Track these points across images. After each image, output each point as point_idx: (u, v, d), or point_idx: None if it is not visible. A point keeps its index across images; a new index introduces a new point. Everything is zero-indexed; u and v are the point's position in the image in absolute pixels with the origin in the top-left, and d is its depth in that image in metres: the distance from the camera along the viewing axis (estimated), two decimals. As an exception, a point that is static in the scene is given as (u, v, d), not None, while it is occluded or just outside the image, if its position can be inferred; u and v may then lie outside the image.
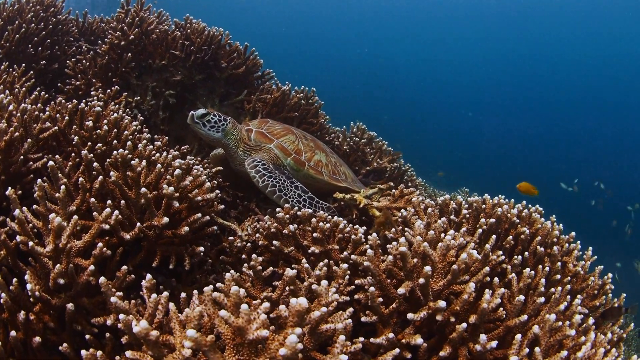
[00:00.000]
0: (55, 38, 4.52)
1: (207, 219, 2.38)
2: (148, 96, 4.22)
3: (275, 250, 2.66)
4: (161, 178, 2.35)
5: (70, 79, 4.26)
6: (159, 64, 4.26)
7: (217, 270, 2.90)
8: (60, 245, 1.76)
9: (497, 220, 2.95)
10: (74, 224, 1.79)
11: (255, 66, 4.68)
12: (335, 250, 2.63)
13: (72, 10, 4.92)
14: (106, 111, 3.16)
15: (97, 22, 5.14)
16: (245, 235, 2.98)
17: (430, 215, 2.90)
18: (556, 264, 2.85)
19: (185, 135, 4.49)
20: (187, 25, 4.43)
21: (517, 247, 2.97)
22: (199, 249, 2.30)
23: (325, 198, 3.71)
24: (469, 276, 2.30)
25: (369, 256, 2.17)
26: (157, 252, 2.30)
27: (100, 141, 2.62)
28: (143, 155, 2.50)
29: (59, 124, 2.69)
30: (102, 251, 1.86)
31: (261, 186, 3.18)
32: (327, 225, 2.59)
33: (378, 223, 2.94)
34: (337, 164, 3.80)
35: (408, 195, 3.57)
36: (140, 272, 2.38)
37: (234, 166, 3.66)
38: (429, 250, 2.20)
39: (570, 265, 2.91)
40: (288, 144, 3.54)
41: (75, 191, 2.22)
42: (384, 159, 5.15)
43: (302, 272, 2.52)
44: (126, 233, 2.06)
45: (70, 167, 2.42)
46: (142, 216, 2.26)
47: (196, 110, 3.45)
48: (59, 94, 4.22)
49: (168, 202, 2.17)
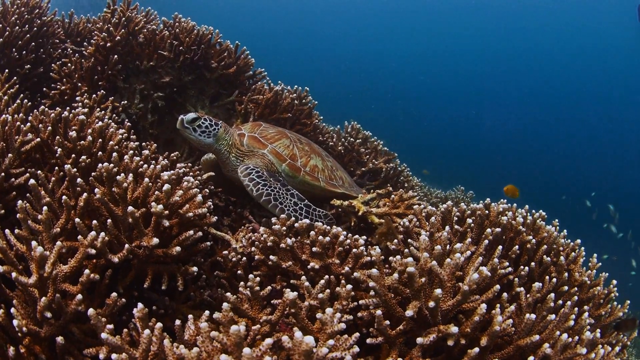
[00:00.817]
0: (41, 41, 4.31)
1: (200, 235, 2.24)
2: (136, 99, 4.04)
3: (272, 265, 2.54)
4: (149, 193, 2.20)
5: (55, 83, 4.07)
6: (147, 66, 4.08)
7: (211, 283, 2.77)
8: (45, 274, 1.63)
9: (502, 229, 2.86)
10: (57, 251, 1.65)
11: (247, 65, 4.51)
12: (335, 265, 2.51)
13: (57, 11, 4.71)
14: (91, 118, 2.99)
15: (83, 22, 4.92)
16: (239, 247, 2.85)
17: (434, 224, 2.80)
18: (563, 275, 2.78)
19: (175, 139, 4.33)
20: (176, 24, 4.25)
21: (523, 256, 2.90)
22: (192, 269, 2.16)
23: (321, 204, 3.59)
24: (478, 294, 2.19)
25: (374, 276, 2.05)
26: (148, 271, 2.16)
27: (84, 153, 2.46)
28: (129, 168, 2.35)
29: (42, 135, 2.53)
30: (89, 278, 1.73)
31: (255, 195, 3.04)
32: (326, 239, 2.46)
33: (380, 234, 2.82)
34: (334, 168, 3.66)
35: (408, 201, 3.45)
36: (131, 291, 2.25)
37: (226, 172, 3.51)
38: (437, 270, 2.09)
39: (577, 275, 2.86)
40: (282, 149, 3.39)
41: (60, 208, 2.07)
42: (380, 159, 5.03)
43: (301, 288, 2.40)
44: (114, 256, 1.91)
45: (55, 181, 2.27)
46: (130, 233, 2.12)
47: (186, 115, 3.27)
48: (45, 99, 4.03)
49: (157, 221, 2.03)
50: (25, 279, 1.62)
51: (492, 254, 2.56)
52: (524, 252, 2.87)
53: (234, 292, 2.66)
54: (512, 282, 2.67)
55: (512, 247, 2.88)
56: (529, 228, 3.00)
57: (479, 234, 2.91)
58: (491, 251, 2.68)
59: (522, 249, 2.86)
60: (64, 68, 4.05)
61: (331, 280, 2.37)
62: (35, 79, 4.22)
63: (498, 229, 2.79)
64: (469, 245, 2.68)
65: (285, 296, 1.92)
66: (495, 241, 2.81)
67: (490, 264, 2.51)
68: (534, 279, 2.81)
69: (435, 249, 2.27)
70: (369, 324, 2.25)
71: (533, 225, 3.04)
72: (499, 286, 2.27)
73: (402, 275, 2.30)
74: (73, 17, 4.89)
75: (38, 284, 1.62)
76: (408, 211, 3.43)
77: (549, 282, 2.59)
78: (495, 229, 2.78)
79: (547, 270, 2.82)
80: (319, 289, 2.20)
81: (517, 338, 2.14)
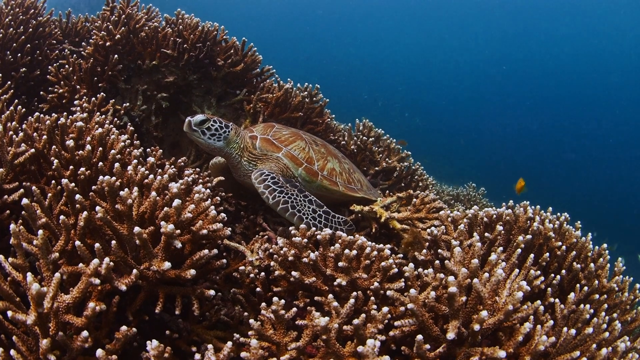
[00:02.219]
0: (37, 42, 4.08)
1: (216, 253, 2.04)
2: (139, 101, 3.82)
3: (294, 281, 2.34)
4: (156, 207, 2.00)
5: (53, 86, 3.84)
6: (150, 65, 3.85)
7: (226, 298, 2.57)
8: (45, 310, 1.43)
9: (533, 235, 2.71)
10: (57, 284, 1.45)
11: (254, 63, 4.28)
12: (361, 279, 2.31)
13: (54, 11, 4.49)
14: (91, 124, 2.78)
15: (81, 21, 4.68)
16: (256, 259, 2.65)
17: (462, 232, 2.60)
18: (594, 282, 2.70)
19: (181, 141, 4.12)
20: (179, 21, 4.02)
21: (552, 263, 2.78)
22: (209, 293, 1.95)
23: (338, 208, 3.39)
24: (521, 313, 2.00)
25: (413, 297, 1.85)
26: (159, 293, 1.96)
27: (83, 164, 2.25)
28: (134, 180, 2.15)
29: (37, 145, 2.32)
30: (95, 311, 1.53)
31: (272, 203, 2.83)
32: (353, 253, 2.26)
33: (406, 244, 2.62)
34: (351, 171, 3.45)
35: (430, 204, 3.25)
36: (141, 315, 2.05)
37: (238, 177, 3.30)
38: (480, 288, 1.89)
39: (605, 281, 2.78)
40: (298, 152, 3.18)
41: (59, 227, 1.87)
42: (393, 157, 4.82)
43: (325, 305, 2.21)
44: (121, 282, 1.71)
45: (52, 196, 2.07)
46: (137, 254, 1.92)
47: (193, 117, 3.03)
48: (42, 103, 3.81)
49: (168, 241, 1.82)
50: (24, 316, 1.43)
51: (525, 263, 2.43)
52: (553, 259, 2.78)
53: (252, 308, 2.47)
54: (544, 290, 2.53)
55: (541, 253, 2.77)
56: (556, 233, 2.89)
57: (507, 240, 2.75)
58: (523, 260, 2.51)
59: (551, 255, 2.77)
60: (62, 70, 3.81)
61: (359, 297, 2.18)
62: (31, 83, 4.00)
63: (529, 236, 2.64)
64: (501, 254, 2.51)
65: (316, 321, 1.73)
66: (526, 249, 2.67)
67: (527, 275, 2.35)
68: (564, 286, 2.72)
69: (472, 262, 2.08)
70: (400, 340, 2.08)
71: (560, 230, 2.95)
72: (540, 302, 2.13)
73: (437, 291, 2.13)
74: (70, 17, 4.66)
75: (38, 322, 1.42)
76: (430, 215, 3.23)
77: (579, 290, 2.53)
78: (527, 237, 2.63)
79: (576, 277, 2.72)
80: (348, 310, 2.01)
81: (557, 354, 2.04)
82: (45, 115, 2.70)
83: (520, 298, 1.90)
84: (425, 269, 2.41)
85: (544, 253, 2.73)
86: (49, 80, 3.85)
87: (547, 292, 2.50)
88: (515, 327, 1.99)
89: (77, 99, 3.52)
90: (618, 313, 2.70)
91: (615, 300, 2.72)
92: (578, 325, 2.23)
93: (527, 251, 2.70)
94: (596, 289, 2.63)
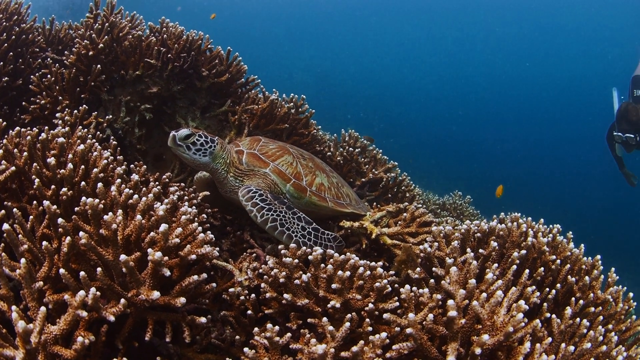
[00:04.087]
0: (19, 50, 3.93)
1: (205, 278, 1.96)
2: (122, 112, 3.71)
3: (285, 303, 2.27)
4: (142, 231, 1.91)
5: (35, 96, 3.69)
6: (133, 75, 3.75)
7: (215, 318, 2.49)
8: (33, 346, 1.34)
9: (527, 250, 2.69)
10: (43, 318, 1.36)
11: (239, 73, 4.20)
12: (355, 300, 2.25)
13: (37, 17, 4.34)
14: (72, 139, 2.68)
15: (65, 29, 4.51)
16: (245, 279, 2.57)
17: (455, 249, 2.58)
18: (589, 295, 2.69)
19: (164, 153, 4.01)
20: (163, 29, 3.92)
21: (547, 277, 2.76)
22: (200, 320, 1.87)
23: (326, 222, 3.33)
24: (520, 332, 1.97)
25: (412, 321, 1.80)
26: (148, 320, 1.87)
27: (66, 183, 2.16)
28: (118, 202, 2.06)
29: (18, 162, 2.21)
30: (84, 345, 1.44)
31: (260, 222, 2.75)
32: (346, 274, 2.20)
33: (399, 261, 2.57)
34: (339, 185, 3.39)
35: (420, 218, 3.22)
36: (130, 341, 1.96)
37: (224, 193, 3.21)
38: (479, 310, 1.86)
39: (599, 293, 2.76)
40: (286, 167, 3.10)
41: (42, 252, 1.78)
42: (379, 168, 4.79)
43: (319, 327, 2.15)
44: (109, 312, 1.62)
45: (34, 218, 1.97)
46: (124, 279, 1.83)
47: (178, 131, 2.93)
48: (25, 114, 3.66)
49: (156, 269, 1.74)
50: (12, 352, 1.35)
51: (520, 278, 2.43)
52: (547, 272, 2.75)
53: (242, 329, 2.39)
54: (539, 305, 2.52)
55: (535, 268, 2.75)
56: (550, 246, 2.89)
57: (500, 254, 2.73)
58: (518, 275, 2.49)
59: (545, 269, 2.75)
60: (44, 80, 3.68)
61: (353, 318, 2.12)
62: (14, 92, 3.85)
63: (523, 252, 2.62)
64: (495, 269, 2.49)
65: (313, 349, 1.67)
66: (520, 264, 2.65)
67: (523, 293, 2.33)
68: (558, 300, 2.71)
69: (470, 283, 2.05)
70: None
71: (553, 242, 2.94)
72: (538, 321, 2.11)
73: (434, 311, 2.09)
74: (54, 24, 4.50)
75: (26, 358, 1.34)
76: (421, 229, 3.20)
77: (575, 303, 2.51)
78: (521, 252, 2.61)
79: (571, 291, 2.71)
80: (343, 333, 1.95)
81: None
82: (27, 129, 2.59)
83: (520, 319, 1.88)
84: (419, 287, 2.37)
85: (538, 267, 2.71)
86: (32, 90, 3.71)
87: (543, 306, 2.47)
88: (514, 346, 1.97)
89: (60, 111, 3.39)
90: (613, 324, 2.68)
91: (610, 311, 2.71)
92: (575, 340, 2.23)
93: (522, 266, 2.68)
94: (591, 301, 2.62)
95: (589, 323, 2.41)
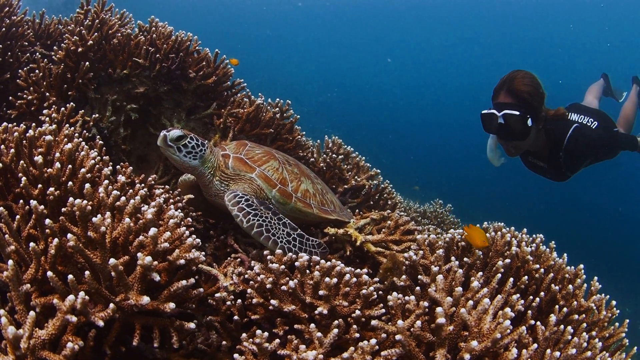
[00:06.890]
0: (8, 43, 3.83)
1: (193, 283, 1.95)
2: (108, 111, 3.65)
3: (272, 309, 2.26)
4: (130, 234, 1.89)
5: (22, 91, 3.61)
6: (120, 74, 3.69)
7: (200, 323, 2.47)
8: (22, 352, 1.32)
9: (511, 259, 2.74)
10: (32, 323, 1.34)
11: (226, 76, 4.18)
12: (341, 306, 2.26)
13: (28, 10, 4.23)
14: (60, 137, 2.63)
15: (54, 23, 4.42)
16: (230, 284, 2.56)
17: (439, 257, 2.61)
18: (572, 303, 2.73)
19: (149, 154, 3.97)
20: (152, 29, 3.88)
21: (531, 285, 2.80)
22: (189, 325, 1.85)
23: (309, 229, 3.33)
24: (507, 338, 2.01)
25: (400, 327, 1.82)
26: (135, 324, 1.85)
27: (52, 183, 2.12)
28: (105, 204, 2.03)
29: (4, 159, 2.17)
30: (73, 351, 1.42)
31: (246, 227, 2.74)
32: (333, 281, 2.21)
33: (384, 269, 2.59)
34: (324, 192, 3.40)
35: (404, 226, 3.25)
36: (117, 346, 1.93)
37: (208, 196, 3.19)
38: (466, 317, 1.89)
39: (582, 301, 2.81)
40: (272, 173, 3.10)
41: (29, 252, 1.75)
42: (362, 175, 4.81)
43: (306, 333, 2.16)
44: (98, 317, 1.59)
45: (21, 218, 1.93)
46: (111, 283, 1.80)
47: (169, 131, 2.88)
48: (11, 109, 3.58)
49: (144, 274, 1.72)
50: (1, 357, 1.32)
51: (504, 287, 2.47)
52: (531, 281, 2.80)
53: (228, 335, 2.38)
54: (523, 313, 2.56)
55: (519, 276, 2.80)
56: (533, 255, 2.94)
57: (484, 263, 2.78)
58: (502, 284, 2.54)
59: (529, 277, 2.79)
60: (32, 75, 3.60)
61: (340, 325, 2.13)
62: (1, 86, 3.76)
63: (507, 261, 2.66)
64: (480, 278, 2.53)
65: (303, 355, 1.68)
66: (504, 273, 2.69)
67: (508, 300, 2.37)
68: (542, 308, 2.75)
69: (457, 290, 2.09)
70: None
71: (536, 252, 2.98)
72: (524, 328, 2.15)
73: (421, 317, 2.11)
74: (44, 18, 4.41)
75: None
76: (404, 237, 3.23)
77: (558, 311, 2.56)
78: (505, 261, 2.66)
79: (555, 299, 2.75)
80: (331, 339, 1.96)
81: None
82: (14, 125, 2.54)
83: (507, 326, 1.92)
84: (405, 295, 2.40)
85: (522, 276, 2.76)
86: (19, 84, 3.63)
87: (527, 314, 2.51)
88: (500, 353, 2.00)
89: (46, 108, 3.32)
90: (597, 330, 2.74)
91: (593, 319, 2.77)
92: (560, 346, 2.27)
93: (506, 275, 2.72)
94: (575, 309, 2.67)
95: (573, 330, 2.46)
